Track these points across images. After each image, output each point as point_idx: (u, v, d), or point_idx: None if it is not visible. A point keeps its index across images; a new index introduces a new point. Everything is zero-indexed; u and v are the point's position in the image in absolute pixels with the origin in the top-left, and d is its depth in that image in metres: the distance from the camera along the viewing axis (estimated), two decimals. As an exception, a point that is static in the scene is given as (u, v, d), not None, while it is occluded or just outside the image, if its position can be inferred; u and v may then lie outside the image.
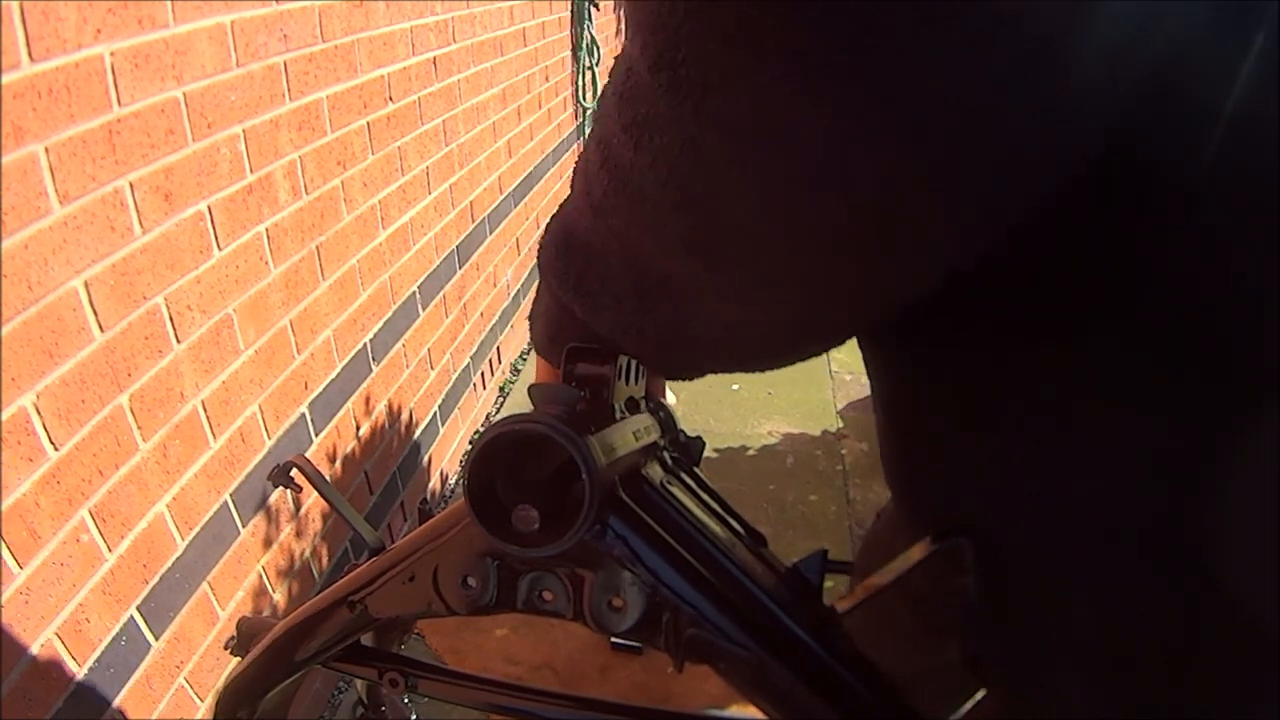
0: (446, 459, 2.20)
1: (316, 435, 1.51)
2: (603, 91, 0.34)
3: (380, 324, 1.75)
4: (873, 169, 0.25)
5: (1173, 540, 0.30)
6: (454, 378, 2.23)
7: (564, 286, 0.41)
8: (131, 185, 1.02)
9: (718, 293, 0.34)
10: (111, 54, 0.97)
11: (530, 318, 0.49)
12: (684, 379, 0.44)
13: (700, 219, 0.30)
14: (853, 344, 0.42)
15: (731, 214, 0.29)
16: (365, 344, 1.69)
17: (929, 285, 0.30)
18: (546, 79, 3.00)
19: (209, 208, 1.18)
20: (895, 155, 0.25)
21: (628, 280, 0.37)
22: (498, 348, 2.63)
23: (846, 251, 0.29)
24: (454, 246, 2.17)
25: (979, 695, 0.39)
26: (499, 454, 0.37)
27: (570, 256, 0.40)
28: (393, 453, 1.85)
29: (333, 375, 1.56)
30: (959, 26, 0.22)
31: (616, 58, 0.32)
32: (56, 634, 0.94)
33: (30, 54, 0.85)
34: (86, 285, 0.96)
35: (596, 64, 3.46)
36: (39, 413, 0.90)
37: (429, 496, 2.10)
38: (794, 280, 0.31)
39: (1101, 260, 0.28)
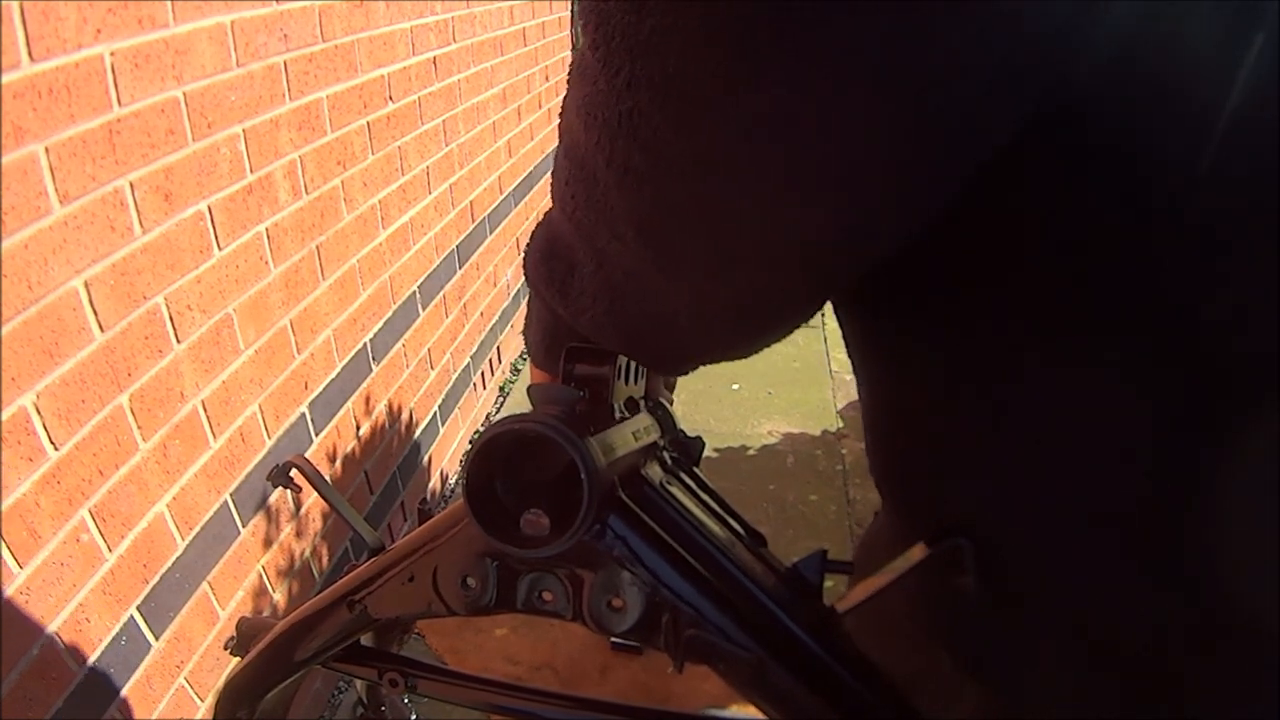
0: (446, 459, 2.20)
1: (316, 435, 1.51)
2: (566, 89, 0.35)
3: (380, 324, 1.75)
4: (802, 123, 0.26)
5: (1173, 541, 0.30)
6: (454, 378, 2.23)
7: (550, 290, 0.41)
8: (131, 185, 1.02)
9: (675, 276, 0.34)
10: (111, 54, 0.97)
11: (524, 330, 0.50)
12: (676, 374, 0.44)
13: (644, 198, 0.31)
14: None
15: (670, 189, 0.30)
16: (365, 344, 1.69)
17: (878, 237, 0.31)
18: (546, 79, 3.00)
19: (209, 207, 1.18)
20: (825, 105, 0.25)
21: (598, 277, 0.38)
22: (498, 348, 2.63)
23: (783, 208, 0.29)
24: (454, 246, 2.17)
25: (977, 695, 0.39)
26: (498, 454, 0.37)
27: (552, 260, 0.41)
28: (393, 453, 1.85)
29: (333, 375, 1.56)
30: None
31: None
32: (56, 634, 0.94)
33: (30, 54, 0.85)
34: (86, 285, 0.96)
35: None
36: (39, 412, 0.90)
37: (429, 496, 2.10)
38: (741, 251, 0.32)
39: (1101, 260, 0.28)
